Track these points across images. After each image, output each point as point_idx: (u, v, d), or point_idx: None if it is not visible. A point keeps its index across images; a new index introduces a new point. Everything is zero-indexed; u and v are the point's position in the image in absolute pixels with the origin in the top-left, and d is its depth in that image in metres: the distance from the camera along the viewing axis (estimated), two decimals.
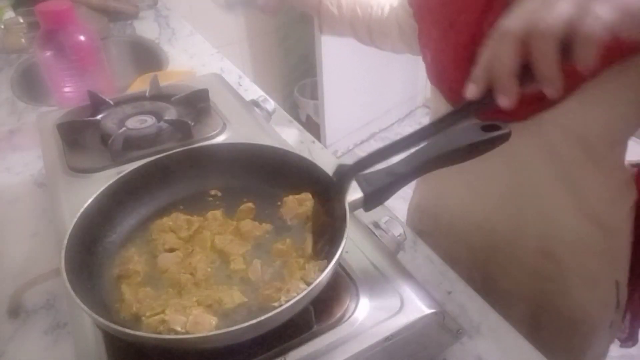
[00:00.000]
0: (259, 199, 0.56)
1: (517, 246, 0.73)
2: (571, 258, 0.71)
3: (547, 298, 0.74)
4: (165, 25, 1.53)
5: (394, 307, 0.47)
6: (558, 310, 0.74)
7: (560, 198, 0.66)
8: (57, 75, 0.89)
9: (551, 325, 0.76)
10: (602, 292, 0.74)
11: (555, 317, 0.75)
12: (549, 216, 0.68)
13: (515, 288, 0.76)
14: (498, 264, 0.76)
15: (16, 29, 1.34)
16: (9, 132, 1.00)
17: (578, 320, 0.74)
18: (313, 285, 0.41)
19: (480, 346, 0.56)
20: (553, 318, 0.75)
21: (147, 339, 0.40)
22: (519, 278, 0.75)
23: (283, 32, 2.40)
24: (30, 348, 0.58)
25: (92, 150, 0.70)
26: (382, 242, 0.56)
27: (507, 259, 0.75)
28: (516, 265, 0.74)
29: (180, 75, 1.07)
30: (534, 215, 0.69)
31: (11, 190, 0.84)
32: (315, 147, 0.93)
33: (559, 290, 0.73)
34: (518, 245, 0.73)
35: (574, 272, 0.71)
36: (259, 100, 0.85)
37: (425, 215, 0.87)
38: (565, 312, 0.74)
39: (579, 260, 0.71)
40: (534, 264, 0.73)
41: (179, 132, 0.71)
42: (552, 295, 0.74)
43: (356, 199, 0.50)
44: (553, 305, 0.74)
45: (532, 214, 0.69)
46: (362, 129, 2.71)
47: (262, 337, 0.41)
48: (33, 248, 0.72)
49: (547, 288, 0.74)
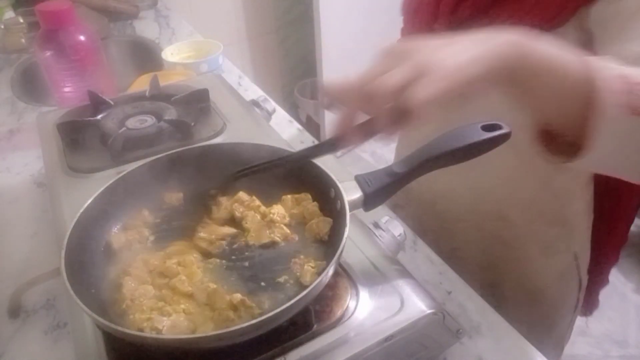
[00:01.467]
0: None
1: (477, 212, 0.76)
2: (525, 224, 0.74)
3: (507, 267, 0.78)
4: (165, 25, 1.53)
5: (394, 307, 0.47)
6: (518, 280, 0.78)
7: (512, 161, 0.68)
8: (57, 75, 0.89)
9: (514, 296, 0.78)
10: (559, 262, 0.76)
11: (516, 286, 0.78)
12: (503, 180, 0.71)
13: (478, 256, 0.79)
14: (462, 232, 0.79)
15: (16, 29, 1.34)
16: (9, 132, 1.00)
17: (537, 291, 0.77)
18: (313, 285, 0.41)
19: (480, 346, 0.56)
20: (514, 287, 0.78)
21: (147, 339, 0.40)
22: (481, 245, 0.78)
23: (283, 32, 2.41)
24: (30, 348, 0.58)
25: (92, 150, 0.70)
26: (382, 242, 0.56)
27: (469, 226, 0.78)
28: (477, 231, 0.77)
29: (180, 75, 1.07)
30: (492, 179, 0.72)
31: (11, 190, 0.84)
32: None
33: (517, 258, 0.76)
34: (478, 211, 0.76)
35: (529, 239, 0.75)
36: (259, 100, 0.85)
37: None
38: (526, 283, 0.77)
39: (534, 227, 0.74)
40: (493, 230, 0.76)
41: (179, 132, 0.71)
42: (511, 263, 0.77)
43: (356, 199, 0.50)
44: (514, 274, 0.78)
45: (490, 178, 0.72)
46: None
47: (262, 337, 0.41)
48: (33, 248, 0.72)
49: (506, 256, 0.77)
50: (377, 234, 0.56)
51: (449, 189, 0.78)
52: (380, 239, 0.56)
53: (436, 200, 0.81)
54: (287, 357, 0.43)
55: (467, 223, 0.79)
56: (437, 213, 0.81)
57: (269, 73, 2.49)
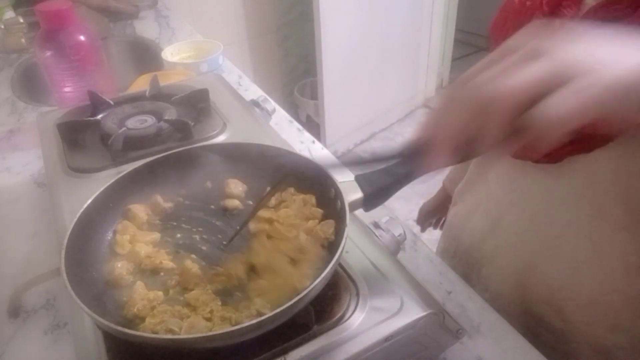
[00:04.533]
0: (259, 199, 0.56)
1: (525, 290, 0.67)
2: (582, 324, 0.62)
3: (551, 354, 0.63)
4: (165, 25, 1.53)
5: (394, 307, 0.47)
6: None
7: (580, 256, 0.59)
8: (57, 75, 0.89)
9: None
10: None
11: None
12: (564, 271, 0.62)
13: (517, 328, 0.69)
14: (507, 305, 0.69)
15: (16, 29, 1.34)
16: (9, 132, 1.00)
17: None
18: (313, 285, 0.41)
19: (480, 346, 0.56)
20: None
21: (147, 339, 0.40)
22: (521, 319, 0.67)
23: (283, 32, 2.41)
24: (30, 348, 0.58)
25: (92, 150, 0.70)
26: (382, 242, 0.56)
27: (514, 302, 0.68)
28: (521, 307, 0.68)
29: (180, 75, 1.07)
30: (548, 263, 0.63)
31: (11, 190, 0.84)
32: (315, 147, 0.93)
33: (565, 352, 0.65)
34: (526, 290, 0.66)
35: (583, 339, 0.63)
36: (259, 100, 0.85)
37: (451, 235, 0.84)
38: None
39: (592, 329, 0.62)
40: (541, 313, 0.66)
41: (179, 132, 0.71)
42: (555, 353, 0.64)
43: (356, 199, 0.50)
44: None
45: (546, 262, 0.63)
46: (362, 129, 2.71)
47: (262, 337, 0.41)
48: (33, 248, 0.72)
49: (551, 344, 0.65)
50: (377, 234, 0.56)
51: (495, 255, 0.69)
52: (380, 239, 0.56)
53: (483, 263, 0.72)
54: (287, 357, 0.43)
55: (511, 298, 0.68)
56: (482, 277, 0.73)
57: (269, 73, 2.49)
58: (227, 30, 2.21)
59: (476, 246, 0.74)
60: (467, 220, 0.78)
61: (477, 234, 0.74)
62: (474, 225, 0.76)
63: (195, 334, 0.41)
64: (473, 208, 0.76)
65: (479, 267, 0.74)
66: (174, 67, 1.16)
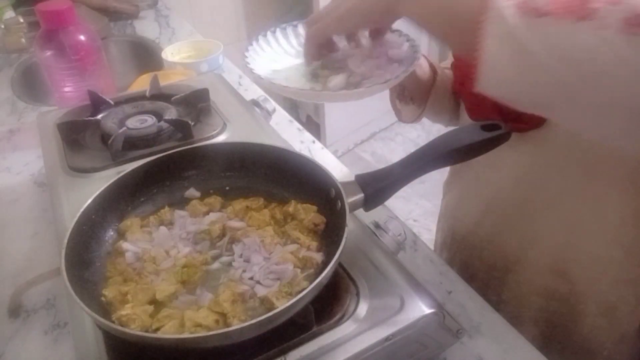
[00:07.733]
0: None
1: (528, 263, 0.69)
2: (587, 282, 0.65)
3: (558, 321, 0.69)
4: (165, 25, 1.53)
5: (394, 307, 0.47)
6: (570, 337, 0.69)
7: (576, 215, 0.62)
8: (57, 75, 0.89)
9: (562, 352, 0.70)
10: (622, 324, 0.66)
11: (566, 343, 0.69)
12: (563, 234, 0.64)
13: (525, 308, 0.71)
14: (510, 282, 0.72)
15: (16, 28, 1.34)
16: (9, 132, 1.00)
17: (591, 351, 0.68)
18: (313, 285, 0.41)
19: (480, 346, 0.56)
20: (564, 344, 0.69)
21: (147, 338, 0.40)
22: (530, 298, 0.70)
23: None
24: (30, 348, 0.58)
25: (92, 150, 0.70)
26: (382, 242, 0.56)
27: (518, 276, 0.71)
28: (527, 283, 0.70)
29: (180, 75, 1.07)
30: (547, 230, 0.65)
31: (11, 190, 0.84)
32: (315, 147, 0.93)
33: (572, 313, 0.67)
34: (529, 262, 0.68)
35: (589, 298, 0.65)
36: (259, 100, 0.85)
37: (445, 227, 0.85)
38: (578, 340, 0.68)
39: (597, 286, 0.64)
40: (546, 284, 0.68)
41: (179, 132, 0.71)
42: (563, 318, 0.68)
43: (356, 199, 0.50)
44: (564, 331, 0.69)
45: (545, 229, 0.65)
46: (362, 129, 2.71)
47: (262, 337, 0.41)
48: (33, 248, 0.72)
49: (559, 310, 0.68)
50: (377, 234, 0.56)
51: (495, 234, 0.71)
52: (380, 239, 0.56)
53: (483, 246, 0.74)
54: (287, 357, 0.43)
55: (515, 273, 0.71)
56: (485, 260, 0.74)
57: None
58: (227, 30, 2.21)
59: (472, 231, 0.76)
60: (458, 209, 0.80)
61: (471, 219, 0.76)
62: (467, 211, 0.77)
63: (196, 334, 0.41)
64: (463, 195, 0.78)
65: (479, 251, 0.75)
66: (174, 67, 1.16)
